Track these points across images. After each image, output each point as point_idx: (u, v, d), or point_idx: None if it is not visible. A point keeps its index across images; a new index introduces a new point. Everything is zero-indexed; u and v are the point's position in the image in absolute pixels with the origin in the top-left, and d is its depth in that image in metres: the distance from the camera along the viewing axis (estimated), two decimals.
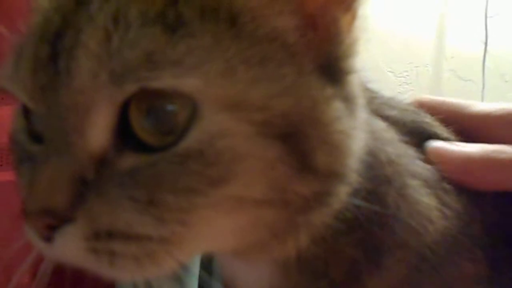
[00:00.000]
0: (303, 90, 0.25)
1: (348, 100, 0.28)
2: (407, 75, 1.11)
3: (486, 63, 1.10)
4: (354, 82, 0.29)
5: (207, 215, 0.25)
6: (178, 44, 0.23)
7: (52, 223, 0.24)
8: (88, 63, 0.23)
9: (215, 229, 0.26)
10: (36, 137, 0.27)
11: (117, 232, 0.24)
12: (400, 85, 1.11)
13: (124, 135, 0.24)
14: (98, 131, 0.24)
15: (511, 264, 0.33)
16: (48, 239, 0.24)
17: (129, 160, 0.24)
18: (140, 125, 0.24)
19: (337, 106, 0.27)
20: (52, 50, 0.24)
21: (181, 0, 0.24)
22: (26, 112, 0.28)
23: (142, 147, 0.24)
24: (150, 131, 0.24)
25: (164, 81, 0.23)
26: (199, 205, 0.24)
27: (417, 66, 1.11)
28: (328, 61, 0.27)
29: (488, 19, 1.04)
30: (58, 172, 0.24)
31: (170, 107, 0.24)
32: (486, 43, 1.05)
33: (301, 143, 0.26)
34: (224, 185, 0.24)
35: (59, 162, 0.24)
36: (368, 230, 0.31)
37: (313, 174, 0.26)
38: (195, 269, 0.75)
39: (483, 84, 1.03)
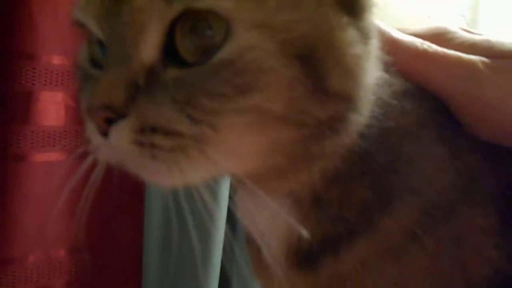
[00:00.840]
0: (321, 18, 0.30)
1: (362, 32, 0.32)
2: None
3: None
4: (369, 19, 0.33)
5: (233, 122, 0.30)
6: None
7: (110, 116, 0.30)
8: None
9: (239, 141, 0.30)
10: (96, 65, 0.34)
11: (159, 128, 0.29)
12: None
13: (169, 52, 0.30)
14: (150, 46, 0.30)
15: None
16: (105, 134, 0.30)
17: (172, 73, 0.30)
18: (183, 45, 0.30)
19: (351, 33, 0.31)
20: None
21: None
22: (89, 44, 0.35)
23: (182, 63, 0.30)
24: (191, 50, 0.30)
25: (206, 2, 0.28)
26: (227, 110, 0.29)
27: None
28: None
29: None
30: (117, 77, 0.30)
31: (208, 28, 0.29)
32: None
33: (317, 65, 0.30)
34: (249, 93, 0.29)
35: (118, 70, 0.30)
36: (381, 174, 0.34)
37: (327, 95, 0.30)
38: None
39: None
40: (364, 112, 0.33)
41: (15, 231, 0.73)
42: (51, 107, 0.73)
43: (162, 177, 0.31)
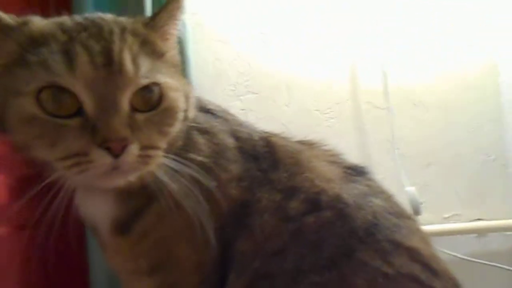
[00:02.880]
0: (182, 82, 0.56)
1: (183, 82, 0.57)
2: (331, 111, 1.32)
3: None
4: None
5: (172, 135, 0.52)
6: (157, 64, 0.52)
7: (126, 144, 0.47)
8: (132, 69, 0.49)
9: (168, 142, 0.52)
10: (52, 115, 0.48)
11: (150, 146, 0.50)
12: (326, 120, 1.31)
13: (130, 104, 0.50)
14: (127, 102, 0.49)
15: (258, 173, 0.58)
16: (117, 156, 0.47)
17: (139, 116, 0.50)
18: (135, 99, 0.49)
19: (184, 82, 0.57)
20: (105, 61, 0.48)
21: (154, 40, 0.53)
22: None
23: (136, 110, 0.50)
24: (140, 103, 0.50)
25: (156, 79, 0.51)
26: (172, 131, 0.52)
27: (338, 103, 1.32)
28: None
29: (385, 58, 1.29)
30: (119, 121, 0.47)
31: (153, 91, 0.51)
32: (385, 78, 1.28)
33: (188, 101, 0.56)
34: (178, 120, 0.52)
35: (115, 117, 0.47)
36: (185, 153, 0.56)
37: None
38: None
39: (389, 110, 1.26)
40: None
41: None
42: None
43: (150, 169, 0.50)
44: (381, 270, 0.50)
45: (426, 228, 1.16)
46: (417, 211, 1.18)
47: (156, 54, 0.52)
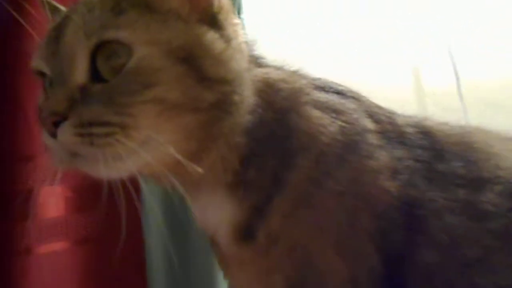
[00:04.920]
0: (189, 31, 0.43)
1: (223, 35, 0.45)
2: None
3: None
4: (230, 28, 0.46)
5: (143, 109, 0.40)
6: (118, 19, 0.42)
7: (56, 119, 0.40)
8: (71, 31, 0.42)
9: (155, 128, 0.41)
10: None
11: (94, 121, 0.40)
12: None
13: (95, 74, 0.42)
14: (80, 72, 0.42)
15: (411, 159, 0.45)
16: (54, 135, 0.40)
17: (97, 87, 0.41)
18: (103, 68, 0.42)
19: (211, 36, 0.44)
20: (56, 36, 0.44)
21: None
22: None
23: (105, 80, 0.42)
24: (109, 71, 0.42)
25: (110, 34, 0.41)
26: (137, 102, 0.40)
27: (401, 107, 1.22)
28: (209, 16, 0.45)
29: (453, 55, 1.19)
30: (59, 93, 0.41)
31: (117, 56, 0.41)
32: (457, 77, 1.18)
33: (195, 61, 0.42)
34: (150, 87, 0.40)
35: (60, 90, 0.42)
36: (281, 144, 0.44)
37: (209, 81, 0.42)
38: None
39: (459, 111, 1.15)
40: (245, 94, 0.44)
41: None
42: (51, 200, 0.79)
43: (100, 166, 0.40)
44: None
45: None
46: None
47: (138, 8, 0.43)
